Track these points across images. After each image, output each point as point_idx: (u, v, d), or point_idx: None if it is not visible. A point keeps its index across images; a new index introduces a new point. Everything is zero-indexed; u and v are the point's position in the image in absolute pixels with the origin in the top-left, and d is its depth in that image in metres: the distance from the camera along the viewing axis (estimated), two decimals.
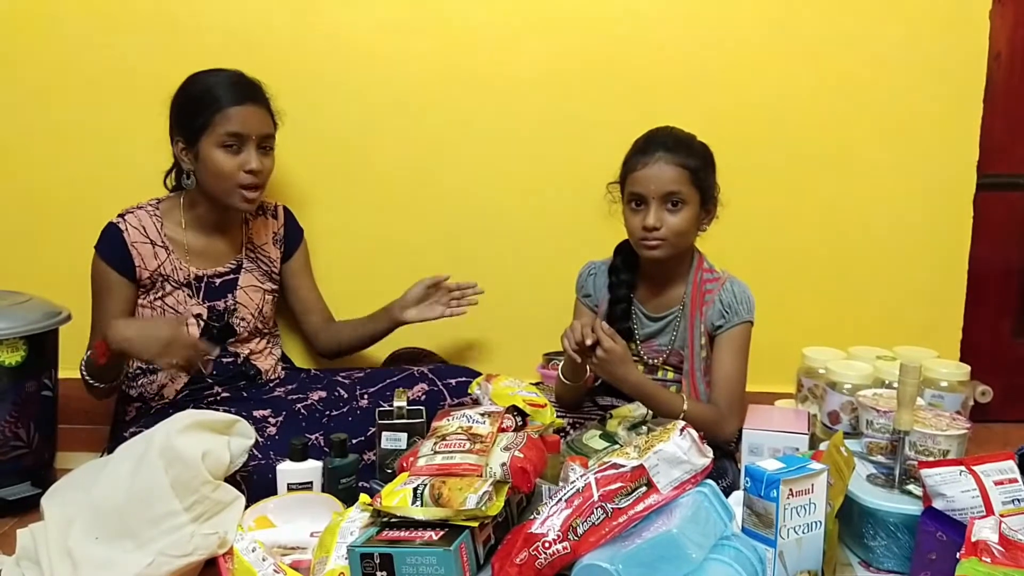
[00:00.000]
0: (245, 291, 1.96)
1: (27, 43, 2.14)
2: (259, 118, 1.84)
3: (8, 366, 1.72)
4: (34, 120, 2.17)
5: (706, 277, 1.85)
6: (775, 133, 2.21)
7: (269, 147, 1.87)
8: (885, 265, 2.26)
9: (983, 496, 1.34)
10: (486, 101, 2.20)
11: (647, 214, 1.76)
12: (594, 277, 1.95)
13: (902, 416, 1.49)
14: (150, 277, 1.88)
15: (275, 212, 2.07)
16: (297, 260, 2.09)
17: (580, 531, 1.26)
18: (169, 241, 1.90)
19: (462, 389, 1.88)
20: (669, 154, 1.76)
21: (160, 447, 1.42)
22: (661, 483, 1.28)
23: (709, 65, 2.18)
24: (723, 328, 1.81)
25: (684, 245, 1.82)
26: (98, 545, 1.39)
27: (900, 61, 2.18)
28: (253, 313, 1.97)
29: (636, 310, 1.90)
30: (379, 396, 1.89)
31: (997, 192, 2.26)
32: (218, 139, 1.80)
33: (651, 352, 1.90)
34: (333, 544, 1.33)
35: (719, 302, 1.81)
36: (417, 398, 1.87)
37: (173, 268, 1.89)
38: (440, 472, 1.36)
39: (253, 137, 1.82)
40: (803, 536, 1.33)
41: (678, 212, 1.76)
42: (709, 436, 1.51)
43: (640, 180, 1.77)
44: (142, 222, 1.88)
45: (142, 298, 1.89)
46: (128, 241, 1.86)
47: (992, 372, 2.08)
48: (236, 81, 1.85)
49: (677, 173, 1.75)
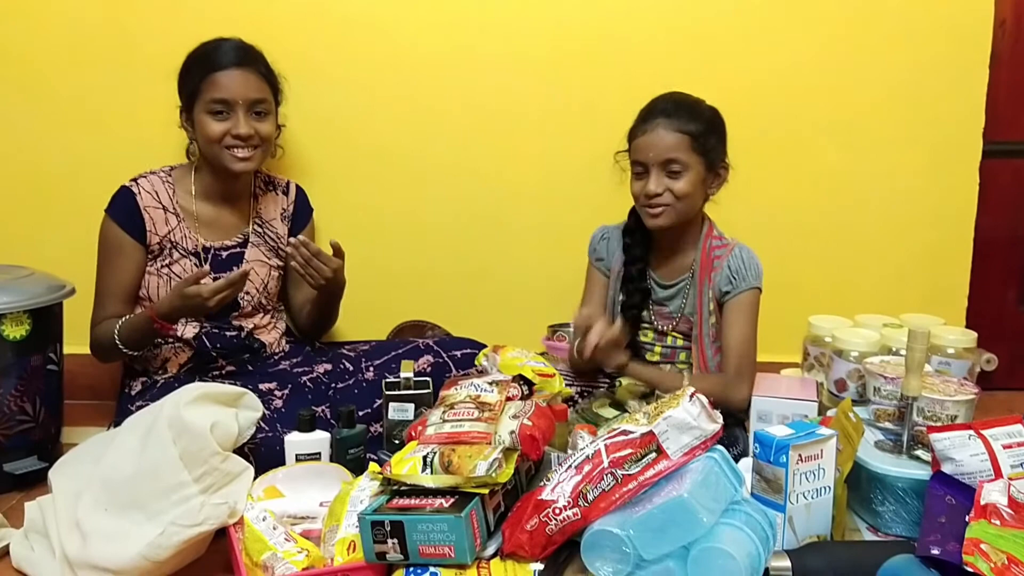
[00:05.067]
0: (251, 265, 1.94)
1: (27, 18, 2.12)
2: (247, 82, 1.82)
3: (13, 340, 1.72)
4: (35, 95, 2.15)
5: (715, 244, 1.85)
6: (780, 102, 2.19)
7: (264, 111, 1.86)
8: (891, 233, 2.25)
9: (992, 460, 1.35)
10: (492, 71, 2.18)
11: (648, 181, 1.76)
12: (607, 241, 1.95)
13: (910, 382, 1.49)
14: (159, 243, 1.87)
15: (286, 189, 2.05)
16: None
17: (590, 497, 1.26)
18: (180, 209, 1.90)
19: (468, 361, 1.88)
20: (668, 120, 1.76)
21: (169, 419, 1.41)
22: (671, 449, 1.28)
23: (715, 35, 2.16)
24: (731, 294, 1.81)
25: (689, 211, 1.81)
26: (107, 516, 1.39)
27: (905, 28, 2.16)
28: (258, 288, 1.96)
29: (649, 277, 1.90)
30: (384, 368, 1.89)
31: (1003, 159, 2.25)
32: (206, 105, 1.81)
33: (662, 319, 1.90)
34: (343, 513, 1.34)
35: (727, 268, 1.81)
36: (423, 370, 1.87)
37: (183, 236, 1.89)
38: (449, 440, 1.36)
39: (240, 102, 1.81)
40: (812, 501, 1.34)
41: (679, 178, 1.76)
42: (721, 404, 1.49)
43: (641, 147, 1.78)
44: (155, 187, 1.88)
45: (149, 264, 1.88)
46: (141, 205, 1.86)
47: (997, 340, 2.07)
48: (226, 47, 1.84)
49: (676, 139, 1.75)
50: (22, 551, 1.44)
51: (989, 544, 1.16)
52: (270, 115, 1.88)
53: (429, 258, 2.27)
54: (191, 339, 1.88)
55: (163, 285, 1.88)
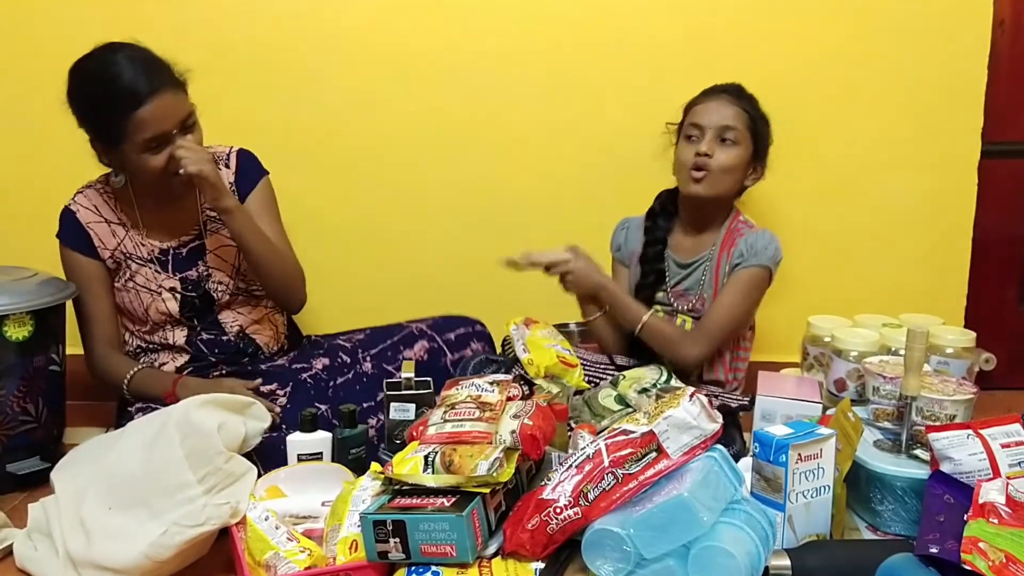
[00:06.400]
0: (215, 254, 1.87)
1: (29, 16, 2.12)
2: (171, 105, 1.67)
3: (16, 341, 1.72)
4: (37, 95, 2.15)
5: (739, 226, 1.90)
6: (779, 102, 2.17)
7: (191, 123, 1.72)
8: (890, 233, 2.26)
9: (990, 459, 1.35)
10: (493, 71, 2.19)
11: (701, 143, 1.82)
12: (627, 231, 2.01)
13: (909, 381, 1.49)
14: (112, 257, 1.82)
15: (228, 161, 1.89)
16: (249, 203, 1.87)
17: (591, 497, 1.27)
18: (124, 218, 1.82)
19: (463, 342, 1.89)
20: (732, 96, 1.86)
21: (177, 420, 1.43)
22: (671, 448, 1.28)
23: (715, 36, 2.18)
24: (739, 266, 1.84)
25: (726, 188, 1.86)
26: (111, 515, 1.40)
27: (904, 29, 2.17)
28: (230, 274, 1.88)
29: (668, 259, 1.92)
30: (381, 359, 1.86)
31: (1002, 159, 2.25)
32: (139, 146, 1.67)
33: (678, 297, 1.92)
34: (345, 512, 1.34)
35: (743, 243, 1.85)
36: (420, 359, 1.85)
37: (134, 245, 1.83)
38: (450, 440, 1.36)
39: (173, 130, 1.68)
40: (811, 500, 1.35)
41: (729, 149, 1.83)
42: (667, 354, 1.80)
43: (701, 112, 1.86)
44: (92, 201, 1.82)
45: (116, 281, 1.84)
46: (83, 222, 1.80)
47: (996, 339, 2.07)
48: (132, 74, 1.64)
49: (736, 112, 1.84)
50: (26, 551, 1.45)
51: (987, 542, 1.17)
52: (196, 119, 1.74)
53: (429, 259, 2.28)
54: (184, 344, 1.86)
55: (133, 299, 1.83)
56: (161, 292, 1.84)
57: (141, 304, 1.84)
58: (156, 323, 1.85)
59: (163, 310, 1.83)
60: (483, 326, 2.01)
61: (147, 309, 1.84)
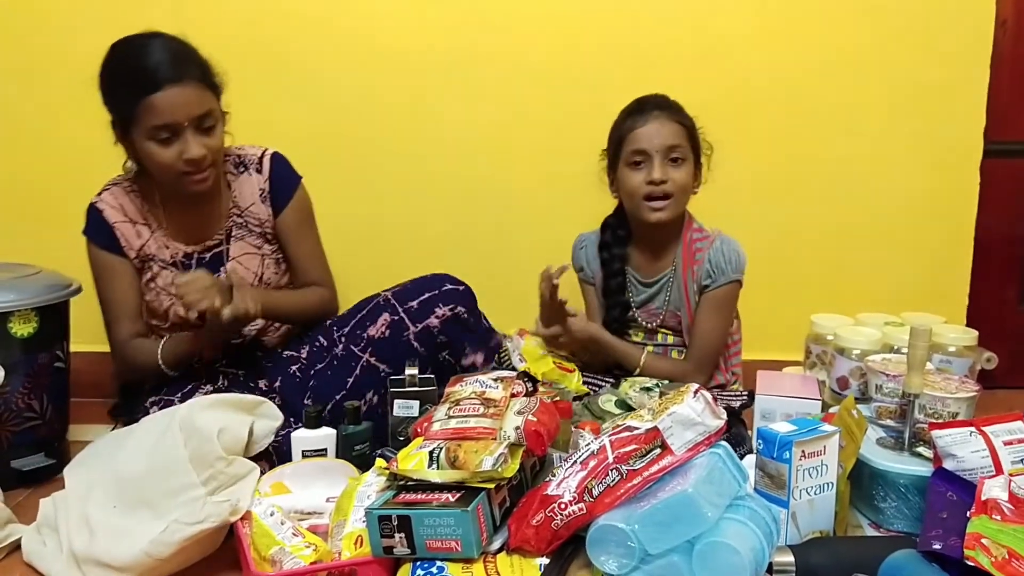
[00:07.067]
0: (238, 261, 1.84)
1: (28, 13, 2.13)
2: (189, 98, 1.63)
3: (21, 337, 1.73)
4: (40, 92, 2.16)
5: (695, 237, 1.88)
6: (782, 102, 2.21)
7: (210, 124, 1.67)
8: (892, 232, 2.27)
9: (993, 456, 1.36)
10: (494, 71, 2.20)
11: (651, 169, 1.78)
12: (585, 250, 1.99)
13: (912, 379, 1.50)
14: (137, 257, 1.79)
15: (259, 165, 1.85)
16: (287, 215, 1.86)
17: (596, 492, 1.27)
18: (150, 218, 1.79)
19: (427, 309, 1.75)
20: (666, 112, 1.81)
21: (181, 421, 1.43)
22: (675, 445, 1.28)
23: (718, 37, 2.18)
24: (709, 288, 1.84)
25: (684, 205, 1.85)
26: (116, 514, 1.40)
27: (907, 28, 2.18)
28: (252, 282, 1.82)
29: (630, 278, 1.92)
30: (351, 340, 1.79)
31: (1004, 159, 2.26)
32: (148, 132, 1.63)
33: (648, 316, 1.92)
34: (351, 508, 1.35)
35: (708, 262, 1.84)
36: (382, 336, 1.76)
37: (158, 247, 1.79)
38: (455, 436, 1.36)
39: (186, 123, 1.63)
40: (815, 497, 1.35)
41: (680, 167, 1.80)
42: None
43: (642, 136, 1.79)
44: (119, 199, 1.79)
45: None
46: (109, 221, 1.77)
47: (997, 339, 2.08)
48: (157, 59, 1.62)
49: (676, 128, 1.80)
50: (33, 545, 1.45)
51: (990, 539, 1.17)
52: (217, 123, 1.70)
53: (429, 259, 2.27)
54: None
55: (153, 300, 1.81)
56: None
57: (161, 305, 1.81)
58: (176, 324, 1.82)
59: (182, 314, 1.75)
60: (452, 281, 1.81)
61: (167, 311, 1.82)
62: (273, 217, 1.86)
